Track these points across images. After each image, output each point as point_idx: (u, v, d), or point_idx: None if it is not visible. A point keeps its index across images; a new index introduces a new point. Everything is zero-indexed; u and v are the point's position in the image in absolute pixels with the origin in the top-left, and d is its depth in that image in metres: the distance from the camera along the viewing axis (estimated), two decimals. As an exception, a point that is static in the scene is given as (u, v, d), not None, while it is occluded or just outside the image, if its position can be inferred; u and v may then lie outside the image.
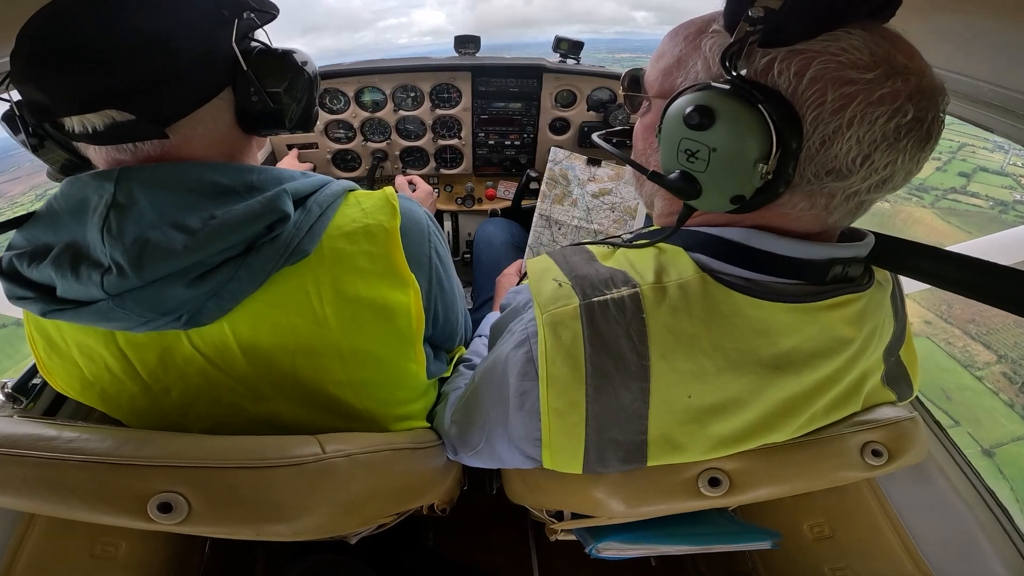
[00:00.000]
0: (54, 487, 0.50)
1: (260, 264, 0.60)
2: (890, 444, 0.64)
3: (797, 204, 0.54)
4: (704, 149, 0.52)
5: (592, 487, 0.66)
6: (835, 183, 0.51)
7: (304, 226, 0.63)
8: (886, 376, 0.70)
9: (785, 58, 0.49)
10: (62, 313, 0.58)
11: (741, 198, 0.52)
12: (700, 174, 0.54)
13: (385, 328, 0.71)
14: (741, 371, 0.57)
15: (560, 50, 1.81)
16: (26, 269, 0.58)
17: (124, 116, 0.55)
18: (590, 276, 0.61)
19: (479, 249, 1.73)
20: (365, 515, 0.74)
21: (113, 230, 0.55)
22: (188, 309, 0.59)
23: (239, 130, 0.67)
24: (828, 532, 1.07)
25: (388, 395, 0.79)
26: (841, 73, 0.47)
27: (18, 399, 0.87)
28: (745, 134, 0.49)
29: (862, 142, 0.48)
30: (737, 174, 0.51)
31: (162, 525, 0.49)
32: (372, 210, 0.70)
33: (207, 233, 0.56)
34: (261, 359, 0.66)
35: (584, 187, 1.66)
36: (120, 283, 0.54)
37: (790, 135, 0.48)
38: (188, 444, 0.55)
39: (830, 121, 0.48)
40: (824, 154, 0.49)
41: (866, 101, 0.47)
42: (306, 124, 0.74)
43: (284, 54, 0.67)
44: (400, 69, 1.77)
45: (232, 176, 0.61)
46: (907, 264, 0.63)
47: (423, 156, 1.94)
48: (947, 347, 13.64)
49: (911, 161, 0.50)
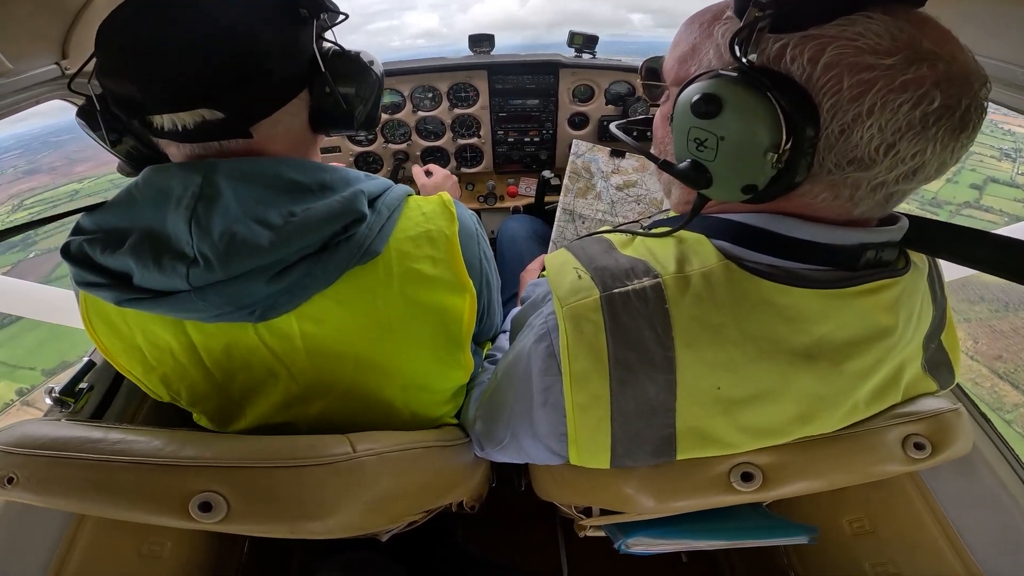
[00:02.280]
0: (102, 488, 0.52)
1: (335, 263, 0.61)
2: (933, 437, 0.62)
3: (819, 194, 0.53)
4: (712, 138, 0.51)
5: (621, 482, 0.65)
6: (858, 173, 0.49)
7: (376, 227, 0.65)
8: (927, 363, 0.68)
9: (798, 44, 0.47)
10: (139, 303, 0.59)
11: (753, 187, 0.51)
12: (710, 163, 0.53)
13: (440, 331, 0.73)
14: (772, 360, 0.56)
15: (575, 44, 1.79)
16: (99, 256, 0.58)
17: (214, 115, 0.56)
18: (610, 267, 0.60)
19: (502, 246, 1.73)
20: (395, 512, 0.75)
21: (202, 222, 0.56)
22: (263, 304, 0.60)
23: (310, 130, 0.69)
24: (868, 527, 1.03)
25: (432, 397, 0.81)
26: (859, 59, 0.45)
27: (65, 403, 0.91)
28: (753, 122, 0.48)
29: (885, 130, 0.46)
30: (747, 163, 0.50)
31: (203, 524, 0.51)
32: (432, 215, 0.72)
33: (289, 230, 0.57)
34: (321, 355, 0.68)
35: (608, 179, 1.64)
36: (206, 276, 0.55)
37: (804, 123, 0.47)
38: (226, 445, 0.57)
39: (849, 109, 0.46)
40: (844, 143, 0.48)
41: (887, 88, 0.45)
42: (371, 125, 0.75)
43: (356, 55, 0.69)
44: (417, 70, 1.78)
45: (309, 174, 0.62)
46: (943, 246, 0.61)
47: (443, 156, 1.95)
48: (974, 388, 13.10)
49: (944, 151, 0.47)
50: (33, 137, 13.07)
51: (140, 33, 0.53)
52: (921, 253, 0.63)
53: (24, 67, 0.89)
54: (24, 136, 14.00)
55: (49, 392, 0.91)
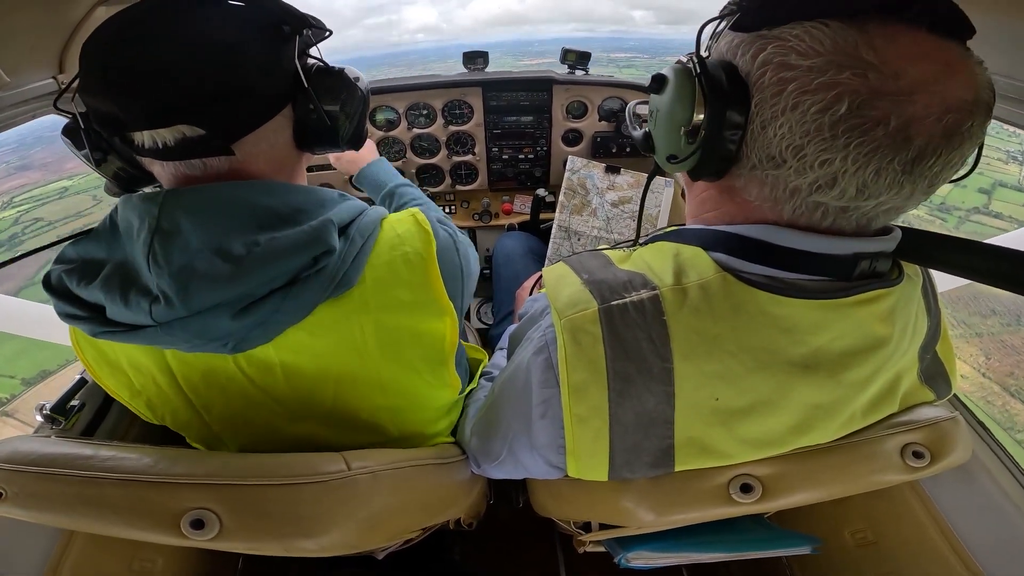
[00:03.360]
0: (92, 504, 0.51)
1: (305, 296, 0.59)
2: (932, 445, 0.62)
3: (752, 190, 0.55)
4: (655, 110, 0.62)
5: (620, 495, 0.65)
6: (773, 171, 0.51)
7: (348, 257, 0.62)
8: (923, 374, 0.68)
9: (750, 42, 0.51)
10: (113, 335, 0.58)
11: (674, 157, 0.58)
12: (653, 131, 0.64)
13: (420, 353, 0.71)
14: (769, 371, 0.56)
15: (568, 61, 1.82)
16: (76, 287, 0.58)
17: (195, 131, 0.56)
18: (608, 280, 0.61)
19: (498, 264, 1.73)
20: (391, 530, 0.74)
21: (159, 258, 0.54)
22: (234, 337, 0.58)
23: (294, 147, 0.68)
24: (872, 538, 1.02)
25: (421, 416, 0.79)
26: (784, 58, 0.47)
27: (56, 420, 0.90)
28: (675, 99, 0.56)
29: (794, 130, 0.47)
30: (668, 134, 0.58)
31: (195, 541, 0.50)
32: (407, 237, 0.69)
33: (251, 261, 0.55)
34: (302, 383, 0.67)
35: (603, 196, 1.65)
36: (168, 312, 0.54)
37: (729, 110, 0.51)
38: (219, 462, 0.56)
39: (770, 103, 0.48)
40: (763, 138, 0.50)
41: (800, 89, 0.46)
42: (357, 142, 0.75)
43: (340, 72, 0.68)
44: (411, 87, 1.81)
45: (279, 198, 0.60)
46: (937, 257, 0.61)
47: (439, 173, 1.96)
48: (986, 406, 12.81)
49: (864, 170, 0.46)
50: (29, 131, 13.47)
51: (121, 51, 0.53)
52: (914, 264, 0.64)
53: (21, 81, 0.90)
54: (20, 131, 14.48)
55: (40, 409, 0.90)
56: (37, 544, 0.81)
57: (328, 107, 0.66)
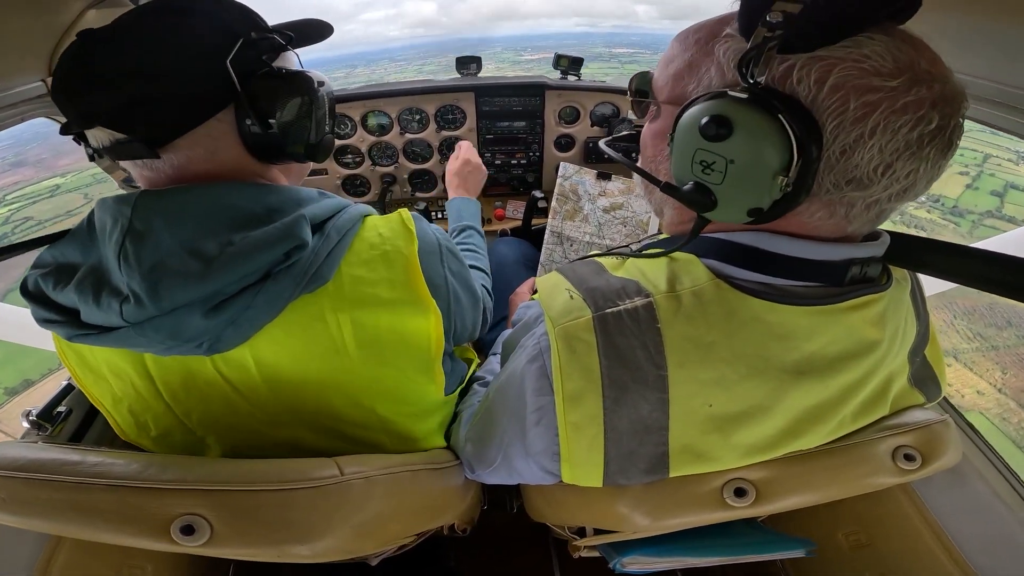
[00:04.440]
0: (80, 510, 0.50)
1: (277, 291, 0.59)
2: (922, 448, 0.62)
3: (816, 213, 0.53)
4: (721, 160, 0.50)
5: (614, 501, 0.65)
6: (855, 192, 0.50)
7: (322, 253, 0.62)
8: (913, 377, 0.69)
9: (805, 64, 0.47)
10: (87, 338, 0.59)
11: (759, 210, 0.51)
12: (716, 186, 0.52)
13: (405, 355, 0.70)
14: (763, 378, 0.56)
15: (560, 67, 1.84)
16: (51, 291, 0.59)
17: (114, 135, 0.59)
18: (601, 287, 0.61)
19: (491, 270, 1.73)
20: (384, 536, 0.74)
21: (130, 258, 0.55)
22: (208, 337, 0.58)
23: (251, 157, 0.66)
24: (865, 540, 1.03)
25: (405, 417, 0.78)
26: (864, 80, 0.45)
27: (43, 426, 0.89)
28: (765, 145, 0.47)
29: (884, 151, 0.47)
30: (755, 186, 0.49)
31: (185, 547, 0.49)
32: (389, 235, 0.69)
33: (223, 260, 0.55)
34: (281, 386, 0.66)
35: (595, 202, 1.65)
36: (138, 312, 0.54)
37: (810, 145, 0.46)
38: (210, 468, 0.56)
39: (851, 130, 0.46)
40: (844, 163, 0.48)
41: (890, 109, 0.45)
42: (315, 155, 0.71)
43: (288, 77, 0.64)
44: (404, 92, 1.81)
45: (251, 198, 0.61)
46: (925, 261, 0.62)
47: (431, 179, 1.96)
48: (1001, 424, 12.38)
49: (933, 169, 0.49)
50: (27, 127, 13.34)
51: (71, 59, 0.57)
52: (904, 268, 0.65)
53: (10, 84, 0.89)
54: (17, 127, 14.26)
55: (26, 415, 0.88)
56: (24, 550, 0.79)
57: (270, 116, 0.62)
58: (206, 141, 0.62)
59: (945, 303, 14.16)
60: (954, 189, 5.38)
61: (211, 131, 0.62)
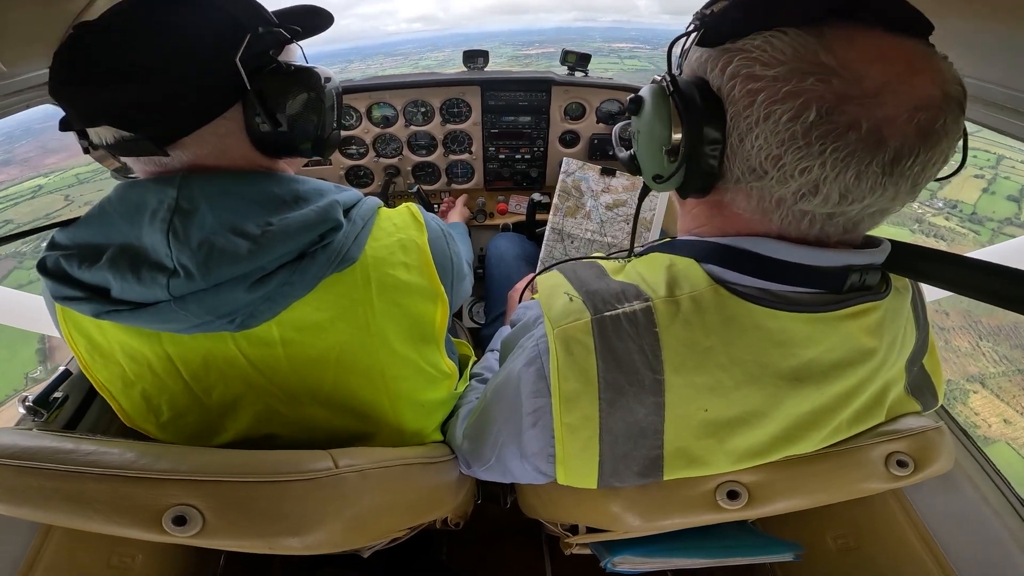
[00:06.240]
0: (71, 499, 0.51)
1: (313, 270, 0.63)
2: (916, 454, 0.62)
3: (740, 202, 0.55)
4: (635, 132, 0.63)
5: (608, 501, 0.65)
6: (756, 183, 0.51)
7: (351, 235, 0.67)
8: (910, 386, 0.68)
9: (717, 56, 0.51)
10: (117, 315, 0.59)
11: (660, 176, 0.59)
12: (637, 153, 0.65)
13: (414, 330, 0.74)
14: (760, 384, 0.56)
15: (568, 63, 1.83)
16: (76, 271, 0.59)
17: (120, 133, 0.58)
18: (601, 291, 0.61)
19: (491, 264, 1.73)
20: (378, 529, 0.74)
21: (180, 234, 0.57)
22: (243, 312, 0.61)
23: (257, 152, 0.67)
24: (853, 544, 1.04)
25: (418, 401, 0.81)
26: (750, 69, 0.48)
27: (39, 412, 0.89)
28: (653, 120, 0.56)
29: (770, 141, 0.47)
30: (651, 155, 0.59)
31: (177, 537, 0.50)
32: (403, 225, 0.75)
33: (267, 239, 0.59)
34: (303, 363, 0.68)
35: (598, 199, 1.65)
36: (187, 285, 0.57)
37: (706, 126, 0.51)
38: (203, 458, 0.56)
39: (743, 116, 0.49)
40: (742, 150, 0.50)
41: (770, 98, 0.46)
42: (320, 151, 0.71)
43: (297, 73, 0.65)
44: (410, 84, 1.80)
45: (283, 186, 0.64)
46: (926, 271, 0.61)
47: (435, 171, 1.96)
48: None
49: (843, 175, 0.46)
50: (17, 124, 12.95)
51: (70, 57, 0.56)
52: (905, 277, 0.64)
53: (18, 70, 0.89)
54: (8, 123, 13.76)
55: (22, 401, 0.88)
56: (15, 538, 0.79)
57: (280, 113, 0.63)
58: (214, 139, 0.63)
59: (970, 323, 13.29)
60: (971, 194, 5.16)
61: (219, 128, 0.63)
